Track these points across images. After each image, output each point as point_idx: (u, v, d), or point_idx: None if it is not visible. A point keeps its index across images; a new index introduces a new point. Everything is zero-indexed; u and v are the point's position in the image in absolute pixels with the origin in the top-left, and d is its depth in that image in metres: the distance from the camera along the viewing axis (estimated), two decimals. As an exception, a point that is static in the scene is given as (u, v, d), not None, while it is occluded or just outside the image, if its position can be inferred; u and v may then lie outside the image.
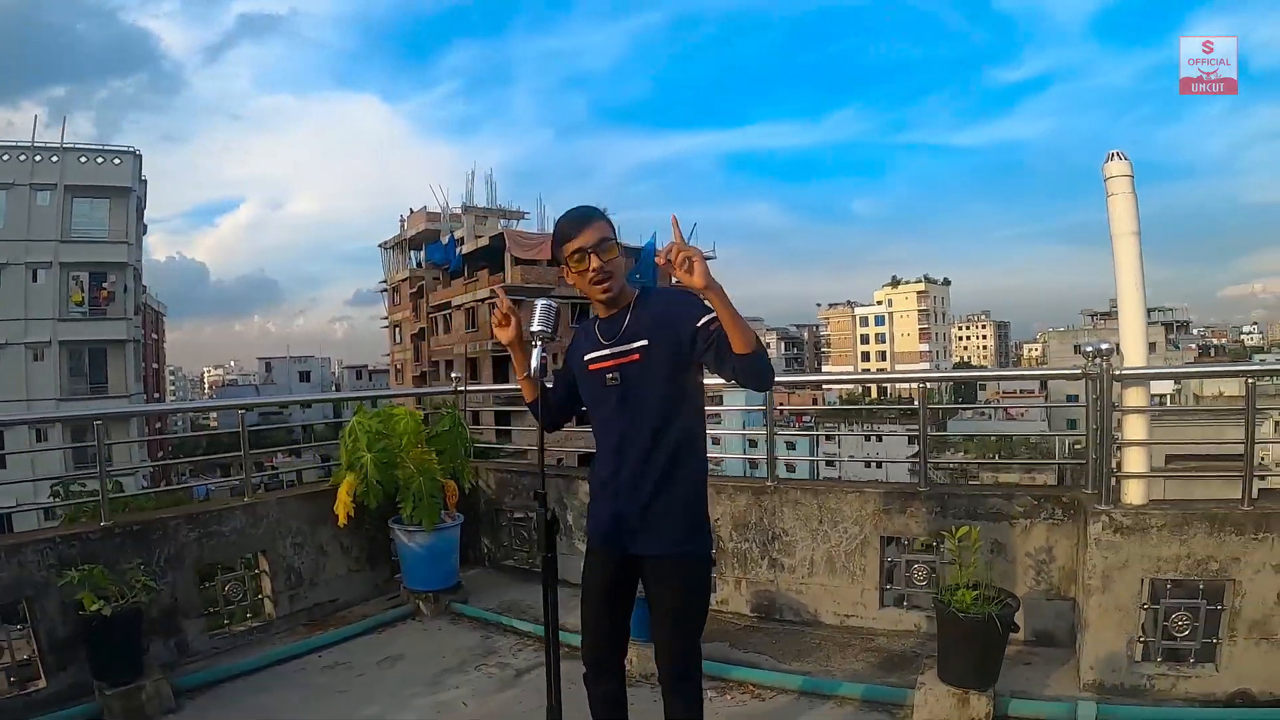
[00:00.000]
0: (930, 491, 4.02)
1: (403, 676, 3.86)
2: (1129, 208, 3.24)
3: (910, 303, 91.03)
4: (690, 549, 2.23)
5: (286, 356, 72.62)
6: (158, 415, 33.29)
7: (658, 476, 2.17)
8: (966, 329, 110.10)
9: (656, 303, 2.25)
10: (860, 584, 4.16)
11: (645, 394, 2.17)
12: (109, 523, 3.88)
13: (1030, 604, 3.63)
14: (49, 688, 3.50)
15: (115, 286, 29.48)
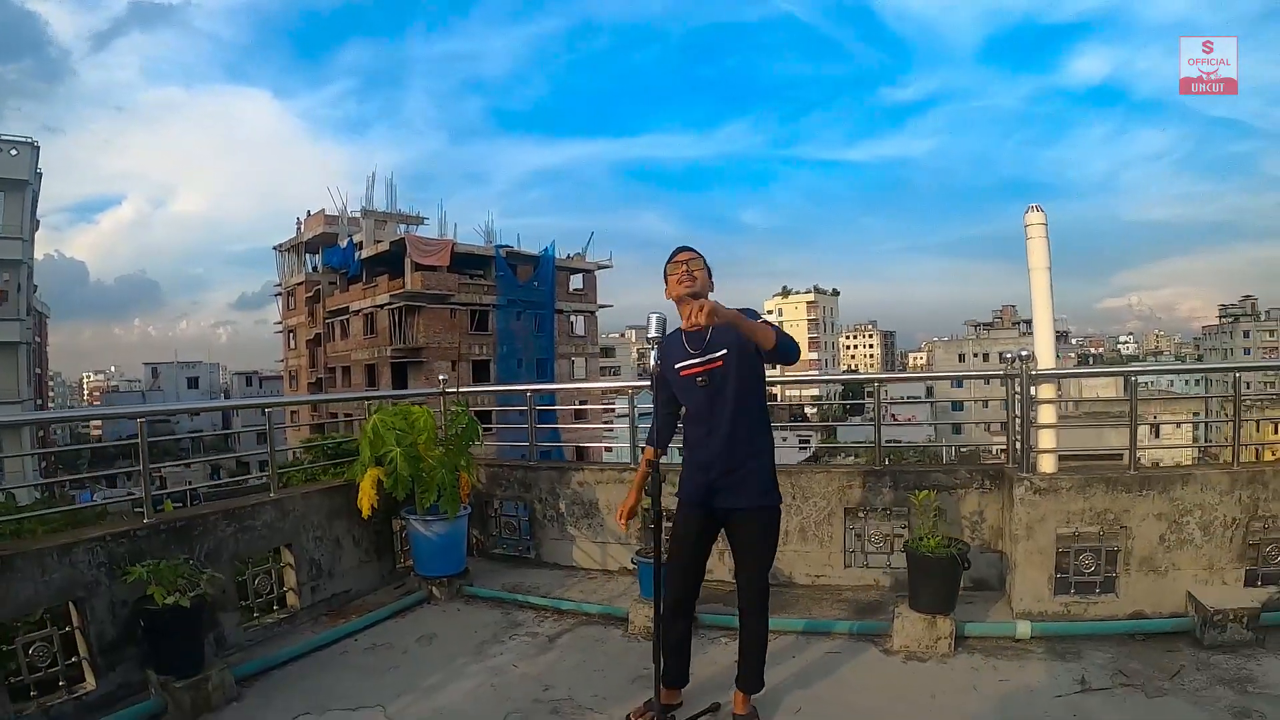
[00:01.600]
0: (885, 469, 4.72)
1: (445, 651, 4.11)
2: (1043, 248, 4.07)
3: (800, 312, 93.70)
4: (769, 501, 2.88)
5: (174, 362, 67.94)
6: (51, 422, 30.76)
7: (743, 449, 2.78)
8: (854, 338, 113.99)
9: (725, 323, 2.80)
10: (828, 549, 4.79)
11: (729, 390, 2.77)
12: (154, 520, 3.94)
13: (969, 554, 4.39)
14: (98, 689, 3.47)
15: (8, 285, 27.06)
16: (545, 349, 37.97)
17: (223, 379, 73.85)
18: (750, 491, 2.84)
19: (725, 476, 2.82)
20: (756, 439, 2.85)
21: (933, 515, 3.85)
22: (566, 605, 4.69)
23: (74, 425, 34.17)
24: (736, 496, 2.84)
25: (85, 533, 3.78)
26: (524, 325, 37.00)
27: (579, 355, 40.52)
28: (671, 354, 2.91)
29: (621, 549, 5.38)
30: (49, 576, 3.47)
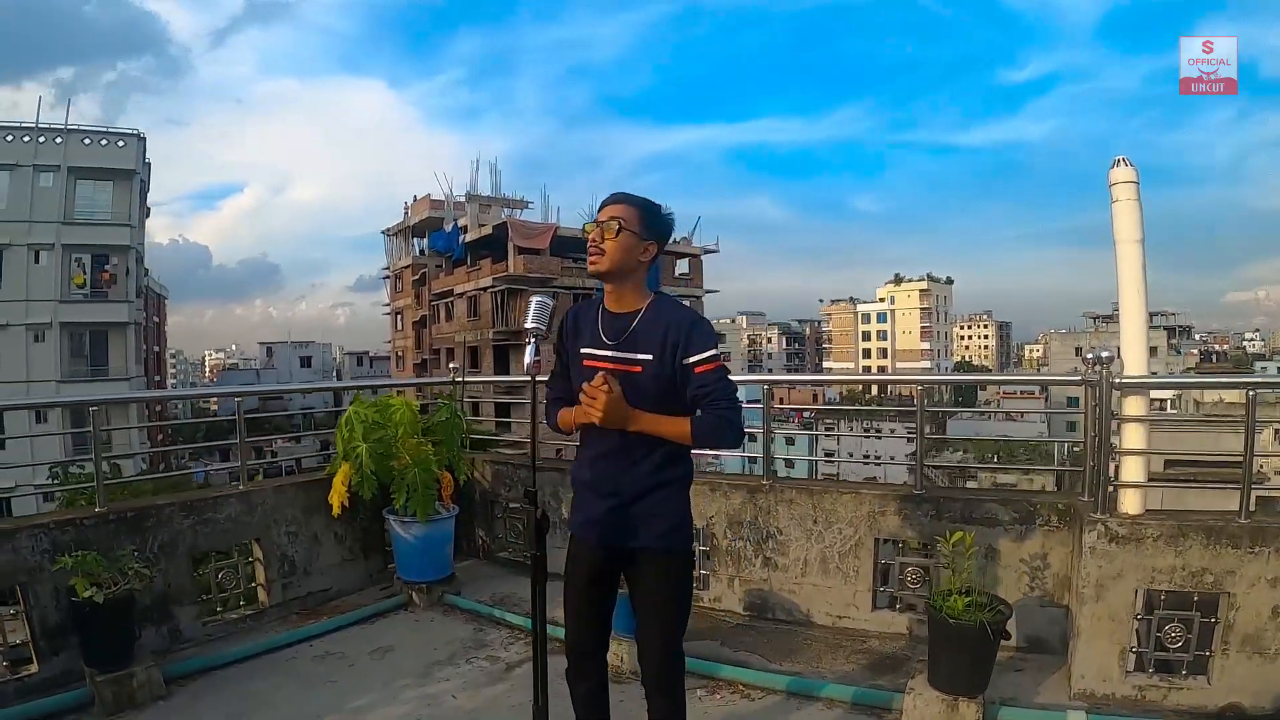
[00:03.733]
0: (926, 494, 4.01)
1: (393, 667, 3.87)
2: (1133, 215, 3.22)
3: (912, 301, 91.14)
4: (674, 543, 2.27)
5: (288, 342, 72.64)
6: (158, 400, 33.48)
7: (648, 478, 2.21)
8: (968, 329, 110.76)
9: (668, 316, 2.23)
10: (853, 585, 4.16)
11: (640, 403, 2.17)
12: (104, 509, 3.87)
13: (1024, 610, 3.63)
14: (41, 672, 3.51)
15: (117, 269, 29.41)
16: None
17: (336, 358, 78.40)
18: (653, 528, 2.24)
19: (624, 507, 2.24)
20: (668, 466, 2.25)
21: (967, 563, 3.16)
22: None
23: (195, 401, 36.79)
24: (635, 533, 2.24)
25: (33, 519, 3.77)
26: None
27: None
28: (583, 329, 2.33)
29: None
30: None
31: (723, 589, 4.59)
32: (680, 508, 2.30)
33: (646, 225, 2.24)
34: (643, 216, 2.24)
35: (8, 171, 26.89)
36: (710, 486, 4.68)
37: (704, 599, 4.63)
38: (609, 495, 2.24)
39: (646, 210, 2.25)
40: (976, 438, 32.75)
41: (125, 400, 21.61)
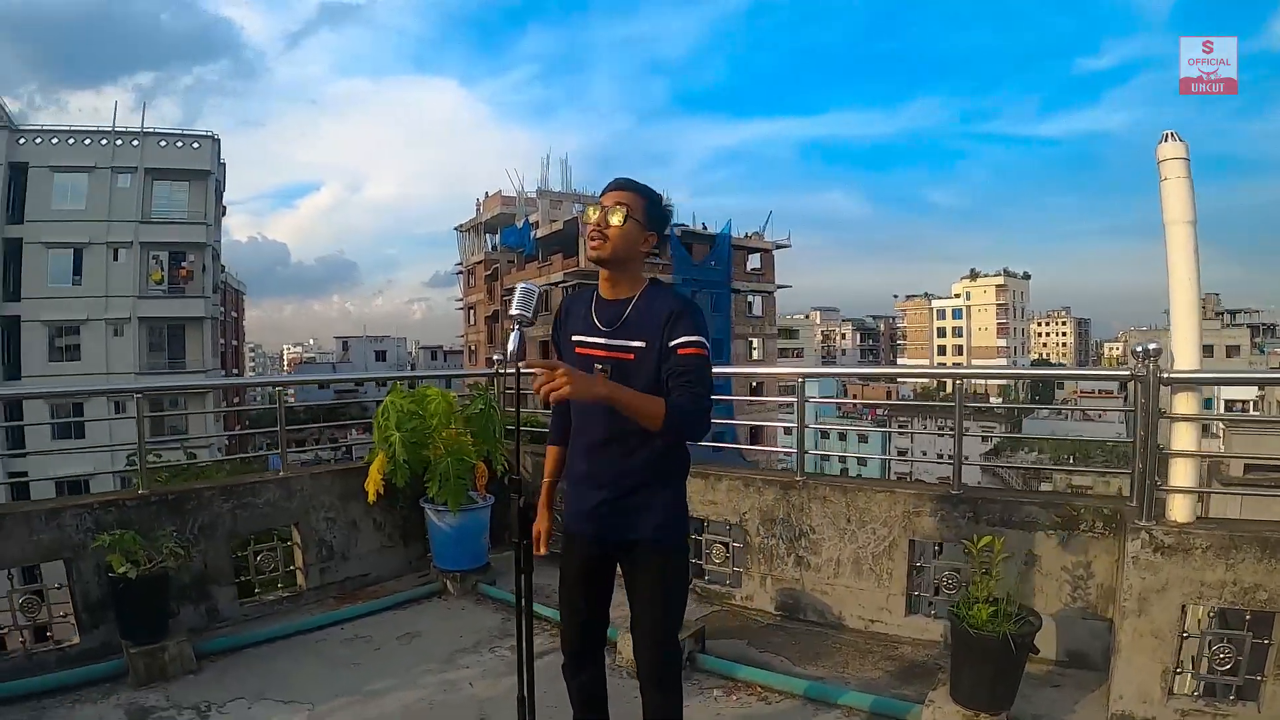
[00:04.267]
0: (963, 495, 3.86)
1: (417, 653, 3.95)
2: (1183, 193, 3.01)
3: (989, 296, 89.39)
4: (668, 537, 2.23)
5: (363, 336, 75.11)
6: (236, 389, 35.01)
7: (643, 467, 2.17)
8: (1046, 325, 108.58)
9: (660, 303, 2.19)
10: (886, 588, 4.05)
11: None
12: (146, 491, 4.07)
13: (1064, 622, 3.48)
14: (82, 643, 3.71)
15: (194, 265, 30.89)
16: (721, 329, 38.49)
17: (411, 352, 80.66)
18: (647, 522, 2.19)
19: (618, 499, 2.20)
20: (662, 459, 2.20)
21: (996, 569, 3.02)
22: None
23: (273, 391, 38.31)
24: (628, 526, 2.21)
25: (77, 500, 4.01)
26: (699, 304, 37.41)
27: (756, 336, 41.20)
28: (573, 319, 2.29)
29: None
30: (37, 537, 3.73)
31: (755, 587, 4.54)
32: (675, 501, 2.26)
33: (650, 215, 2.21)
34: (647, 206, 2.21)
35: (86, 173, 28.48)
36: (744, 482, 4.63)
37: (735, 596, 4.59)
38: (602, 487, 2.22)
39: (651, 200, 2.23)
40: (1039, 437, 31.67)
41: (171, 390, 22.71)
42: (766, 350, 41.99)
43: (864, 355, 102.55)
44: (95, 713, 3.27)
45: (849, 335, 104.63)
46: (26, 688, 3.37)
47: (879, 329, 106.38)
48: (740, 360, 38.56)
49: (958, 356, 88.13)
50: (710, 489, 4.75)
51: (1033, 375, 26.18)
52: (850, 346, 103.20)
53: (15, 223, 27.66)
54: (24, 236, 27.66)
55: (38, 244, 27.75)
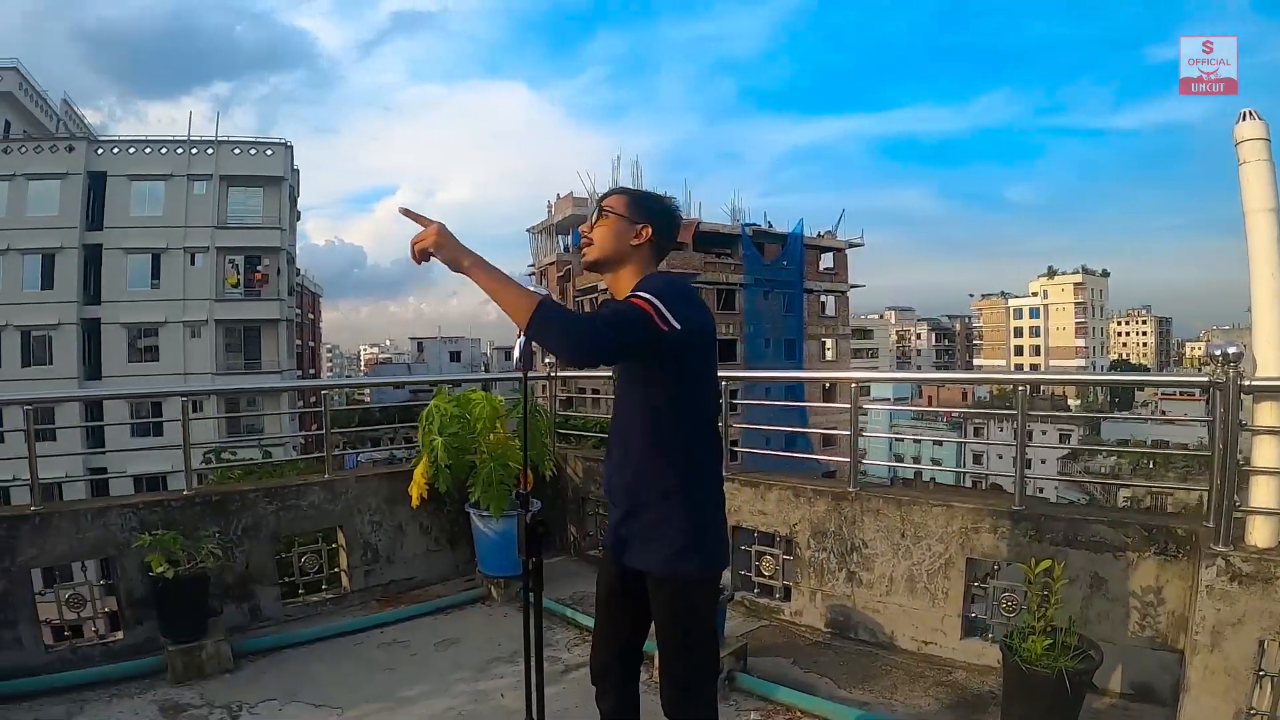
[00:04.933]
0: (1025, 512, 3.65)
1: (453, 660, 3.95)
2: (1264, 178, 2.77)
3: (1066, 295, 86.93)
4: (679, 570, 2.02)
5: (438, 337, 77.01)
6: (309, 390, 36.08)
7: (645, 481, 2.05)
8: (1125, 324, 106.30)
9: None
10: (941, 608, 3.86)
11: (625, 396, 2.12)
12: (191, 491, 4.19)
13: (1130, 652, 3.24)
14: (126, 639, 3.86)
15: (269, 269, 32.17)
16: (794, 329, 38.56)
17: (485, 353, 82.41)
18: (656, 551, 2.02)
19: (628, 519, 2.08)
20: (665, 471, 2.01)
21: (1055, 596, 2.83)
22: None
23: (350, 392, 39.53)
24: (638, 554, 2.06)
25: (124, 499, 4.15)
26: (771, 305, 37.82)
27: (829, 336, 41.12)
28: None
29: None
30: (83, 535, 3.88)
31: (804, 602, 4.41)
32: (687, 525, 2.02)
33: (636, 207, 2.14)
34: (630, 200, 2.15)
35: (163, 181, 30.06)
36: (794, 492, 4.51)
37: (785, 611, 4.47)
38: (616, 504, 2.15)
39: (636, 195, 2.19)
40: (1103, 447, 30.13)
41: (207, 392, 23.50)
42: (840, 351, 41.78)
43: (939, 356, 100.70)
44: (131, 707, 3.38)
45: (924, 335, 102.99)
46: (69, 680, 3.52)
47: (955, 329, 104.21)
48: (813, 362, 38.31)
49: (1035, 358, 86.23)
50: (760, 498, 4.65)
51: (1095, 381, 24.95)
52: (925, 347, 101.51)
53: (95, 229, 29.38)
54: (104, 242, 29.35)
55: (117, 249, 29.45)
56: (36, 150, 29.04)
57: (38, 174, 28.55)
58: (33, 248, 28.44)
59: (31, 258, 28.67)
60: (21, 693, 3.41)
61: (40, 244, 28.45)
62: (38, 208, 28.60)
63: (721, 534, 2.14)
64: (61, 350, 28.92)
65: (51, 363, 28.68)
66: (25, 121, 31.32)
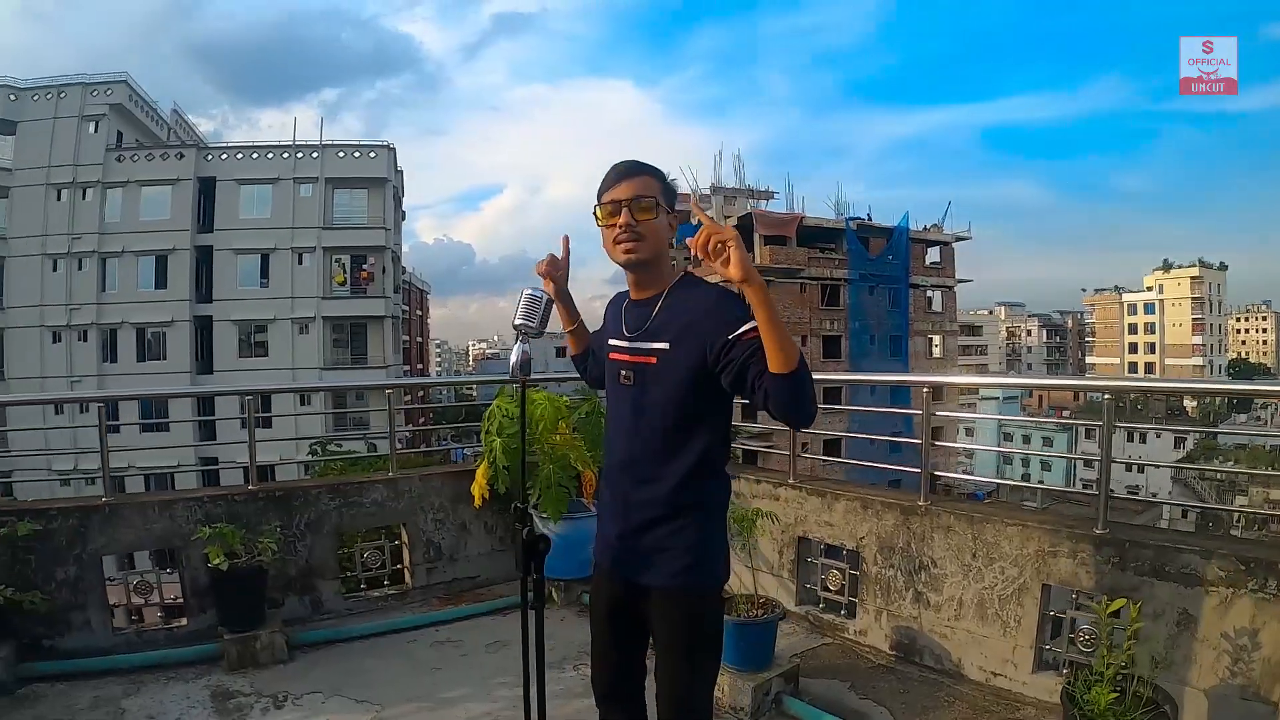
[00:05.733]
0: (1108, 536, 3.36)
1: (500, 664, 3.98)
2: None
3: (1182, 289, 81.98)
4: (694, 581, 1.96)
5: (545, 333, 79.53)
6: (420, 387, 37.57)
7: (666, 497, 1.94)
8: (1244, 321, 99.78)
9: (693, 297, 1.94)
10: (1013, 638, 3.61)
11: (658, 405, 1.93)
12: (255, 487, 4.42)
13: (1218, 700, 2.92)
14: (189, 625, 4.12)
15: (374, 267, 33.83)
16: (899, 325, 38.21)
17: None
18: (667, 563, 1.93)
19: (634, 534, 1.98)
20: (690, 486, 1.92)
21: (1129, 640, 2.58)
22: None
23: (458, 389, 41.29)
24: (643, 568, 1.96)
25: (191, 493, 4.42)
26: (876, 300, 37.57)
27: (936, 332, 40.62)
28: (608, 323, 2.14)
29: (772, 580, 4.77)
30: (150, 526, 4.16)
31: (869, 621, 4.24)
32: (701, 540, 1.95)
33: (668, 197, 1.98)
34: (664, 188, 1.97)
35: (271, 185, 32.09)
36: (862, 503, 4.34)
37: (849, 629, 4.31)
38: (619, 518, 2.03)
39: (663, 179, 1.99)
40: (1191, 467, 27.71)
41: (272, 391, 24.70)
42: (947, 348, 41.03)
43: (1050, 354, 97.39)
44: (184, 691, 3.60)
45: (1034, 332, 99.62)
46: (130, 662, 3.79)
47: (1066, 325, 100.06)
48: (919, 359, 37.88)
49: (1150, 356, 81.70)
50: (827, 508, 4.51)
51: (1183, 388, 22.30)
52: (1035, 344, 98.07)
53: (206, 231, 31.68)
54: (214, 244, 31.63)
55: (227, 250, 31.66)
56: (148, 158, 31.62)
57: (150, 180, 31.07)
58: (146, 250, 30.97)
59: (146, 259, 31.21)
60: (85, 671, 3.70)
61: (154, 246, 30.93)
62: (150, 212, 31.10)
63: (726, 546, 2.09)
64: (175, 346, 31.32)
65: (165, 358, 31.09)
66: (137, 131, 33.92)
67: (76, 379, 29.71)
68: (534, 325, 1.98)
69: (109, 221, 30.79)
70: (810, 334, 35.92)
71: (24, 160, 30.26)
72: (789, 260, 35.18)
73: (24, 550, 3.83)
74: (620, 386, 2.02)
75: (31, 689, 3.61)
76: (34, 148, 30.24)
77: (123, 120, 32.79)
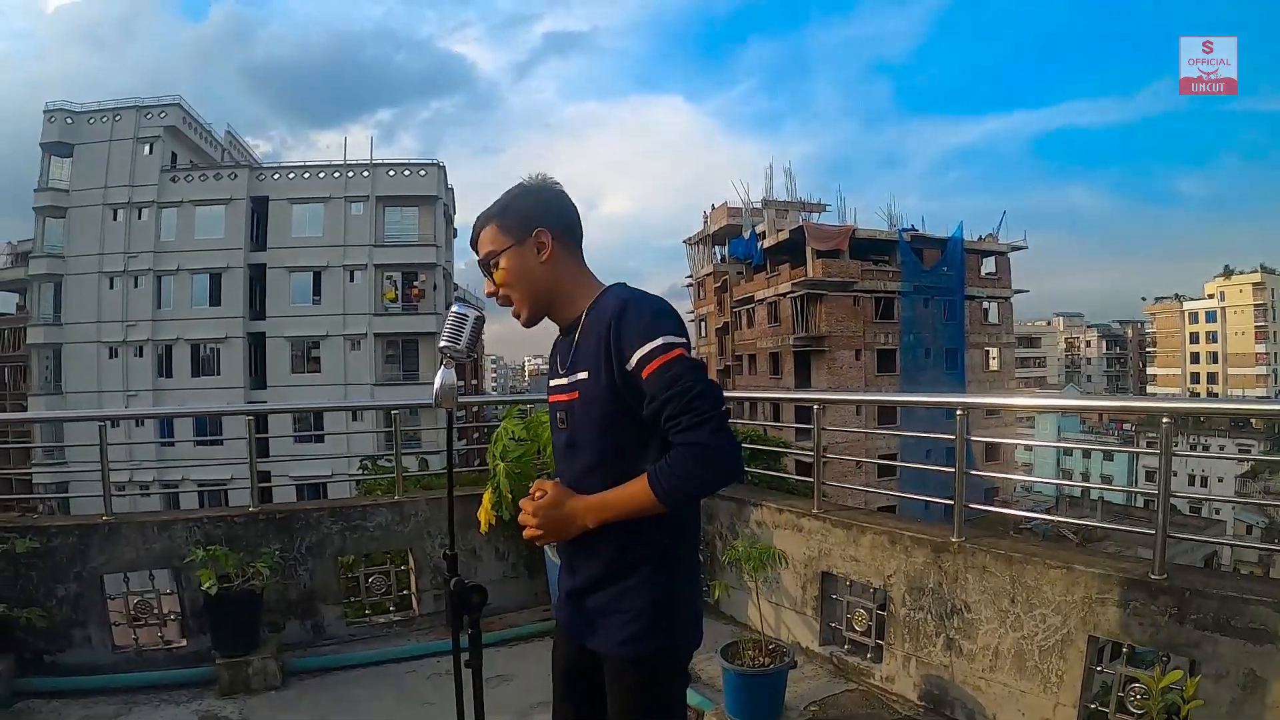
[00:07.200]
0: (1166, 583, 3.02)
1: (498, 701, 3.73)
2: None
3: (1245, 297, 78.64)
4: (643, 651, 1.71)
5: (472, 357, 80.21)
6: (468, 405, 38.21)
7: (604, 553, 1.72)
8: None
9: (600, 314, 1.71)
10: (1054, 694, 3.27)
11: (586, 444, 1.73)
12: (256, 508, 4.36)
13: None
14: (188, 647, 4.07)
15: (425, 284, 34.40)
16: (954, 338, 37.79)
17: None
18: (611, 630, 1.71)
19: (581, 592, 1.78)
20: (636, 536, 1.68)
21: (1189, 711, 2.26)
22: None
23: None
24: (593, 633, 1.76)
25: (190, 513, 4.40)
26: (931, 312, 37.17)
27: (993, 344, 40.19)
28: (551, 362, 1.91)
29: (795, 617, 4.52)
30: (149, 545, 4.14)
31: (896, 667, 3.93)
32: (652, 604, 1.70)
33: (514, 223, 1.76)
34: (502, 223, 1.77)
35: (322, 204, 32.98)
36: (890, 538, 4.05)
37: (875, 675, 4.02)
38: (570, 572, 1.83)
39: (503, 212, 1.78)
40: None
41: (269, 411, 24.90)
42: (1004, 360, 40.31)
43: (1110, 365, 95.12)
44: (174, 714, 3.56)
45: (1094, 343, 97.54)
46: (124, 682, 3.77)
47: (1126, 335, 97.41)
48: (975, 372, 37.27)
49: (1213, 365, 78.81)
50: (853, 542, 4.23)
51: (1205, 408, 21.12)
52: (1095, 355, 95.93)
53: (259, 249, 32.70)
54: (267, 262, 32.60)
55: (280, 268, 32.59)
56: (202, 179, 32.85)
57: (204, 200, 32.29)
58: (201, 268, 32.13)
59: (200, 277, 32.36)
60: (81, 689, 3.68)
61: (208, 264, 32.08)
62: (205, 231, 32.25)
63: (695, 606, 1.82)
64: (229, 362, 32.31)
65: (219, 373, 32.10)
66: (191, 152, 35.26)
67: (133, 394, 30.84)
68: (459, 347, 1.78)
69: (164, 240, 32.01)
70: (865, 348, 35.55)
71: (81, 182, 31.77)
72: (842, 273, 34.86)
73: (25, 566, 3.85)
74: (558, 429, 1.82)
75: (27, 704, 3.61)
76: (91, 169, 31.71)
77: (177, 142, 34.11)
